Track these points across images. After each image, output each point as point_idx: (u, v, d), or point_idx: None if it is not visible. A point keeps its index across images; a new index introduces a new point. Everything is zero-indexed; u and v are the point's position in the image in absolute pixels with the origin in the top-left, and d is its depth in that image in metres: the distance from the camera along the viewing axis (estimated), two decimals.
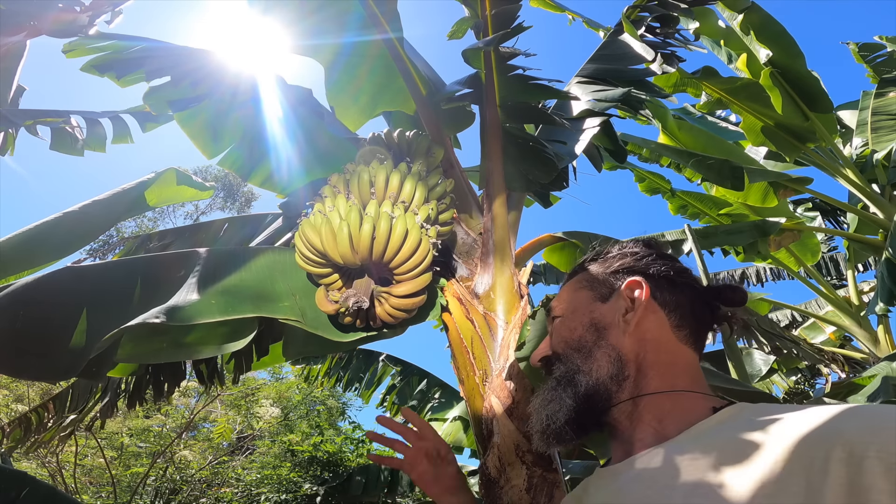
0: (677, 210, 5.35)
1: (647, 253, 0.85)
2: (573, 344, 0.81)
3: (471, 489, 1.05)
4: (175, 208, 16.32)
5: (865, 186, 5.01)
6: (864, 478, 0.49)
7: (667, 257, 0.86)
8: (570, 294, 0.88)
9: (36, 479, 2.10)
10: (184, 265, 1.53)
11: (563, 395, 0.78)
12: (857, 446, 0.51)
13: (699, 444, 0.64)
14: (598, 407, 0.76)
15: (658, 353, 0.76)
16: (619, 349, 0.77)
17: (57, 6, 2.21)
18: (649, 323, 0.78)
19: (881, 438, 0.50)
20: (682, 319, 0.79)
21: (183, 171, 2.48)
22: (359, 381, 5.13)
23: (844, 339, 6.68)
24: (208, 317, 1.30)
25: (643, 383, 0.74)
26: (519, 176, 1.95)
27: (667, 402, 0.72)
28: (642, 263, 0.83)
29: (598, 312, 0.81)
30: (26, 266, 2.02)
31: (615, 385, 0.75)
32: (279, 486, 7.50)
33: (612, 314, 0.80)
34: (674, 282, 0.82)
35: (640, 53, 2.19)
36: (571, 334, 0.82)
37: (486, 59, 1.76)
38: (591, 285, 0.85)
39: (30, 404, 6.71)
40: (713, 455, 0.61)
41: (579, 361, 0.79)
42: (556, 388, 0.79)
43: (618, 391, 0.75)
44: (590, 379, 0.77)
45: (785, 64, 4.29)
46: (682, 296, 0.81)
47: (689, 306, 0.81)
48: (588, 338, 0.79)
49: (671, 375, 0.74)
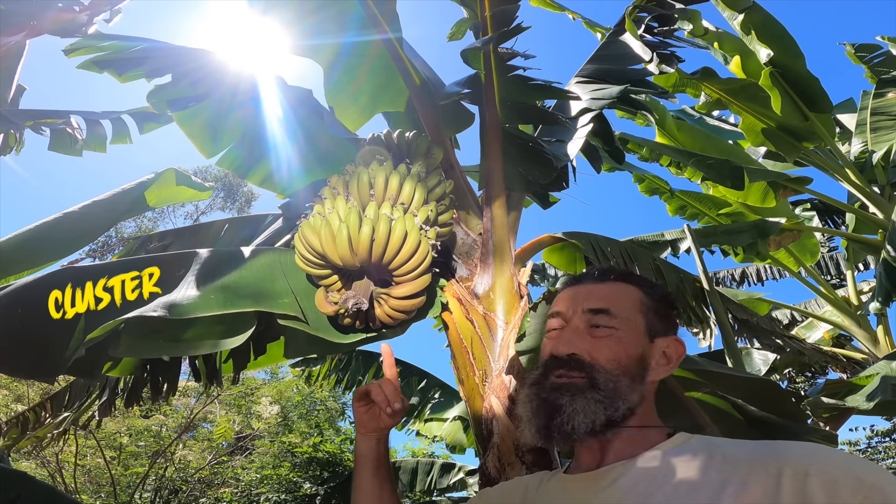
0: (676, 211, 5.34)
1: (677, 315, 0.96)
2: (624, 367, 0.82)
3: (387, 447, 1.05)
4: (175, 208, 16.31)
5: (865, 186, 5.00)
6: (808, 489, 0.66)
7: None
8: (626, 307, 0.86)
9: (36, 479, 2.10)
10: (183, 265, 1.53)
11: (601, 411, 0.79)
12: (801, 467, 0.67)
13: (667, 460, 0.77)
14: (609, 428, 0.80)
15: (650, 396, 0.86)
16: (644, 391, 0.84)
17: (56, 6, 2.22)
18: (661, 375, 0.87)
19: (817, 461, 0.68)
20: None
21: (182, 171, 2.48)
22: (358, 383, 5.13)
23: (844, 339, 6.68)
24: (207, 310, 1.30)
25: (636, 413, 0.83)
26: (518, 176, 1.95)
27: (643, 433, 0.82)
28: (677, 323, 0.93)
29: (646, 348, 0.85)
30: (26, 266, 2.02)
31: (629, 415, 0.81)
32: (279, 486, 7.50)
33: (652, 357, 0.85)
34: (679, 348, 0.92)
35: (639, 54, 2.20)
36: (627, 359, 0.83)
37: (486, 60, 1.77)
38: (646, 314, 0.87)
39: (29, 404, 6.71)
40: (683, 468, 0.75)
41: (625, 389, 0.81)
42: (600, 402, 0.79)
43: (625, 420, 0.81)
44: (625, 407, 0.80)
45: (785, 64, 4.29)
46: None
47: None
48: (636, 369, 0.83)
49: (649, 414, 0.85)
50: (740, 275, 7.44)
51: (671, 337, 0.87)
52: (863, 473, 0.66)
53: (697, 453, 0.76)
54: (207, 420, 9.50)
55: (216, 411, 9.48)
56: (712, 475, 0.72)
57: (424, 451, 8.25)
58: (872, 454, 12.76)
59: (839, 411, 2.89)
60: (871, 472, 0.66)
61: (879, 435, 12.62)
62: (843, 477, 0.65)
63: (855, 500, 0.63)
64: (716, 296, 2.38)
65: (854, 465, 0.67)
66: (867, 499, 0.63)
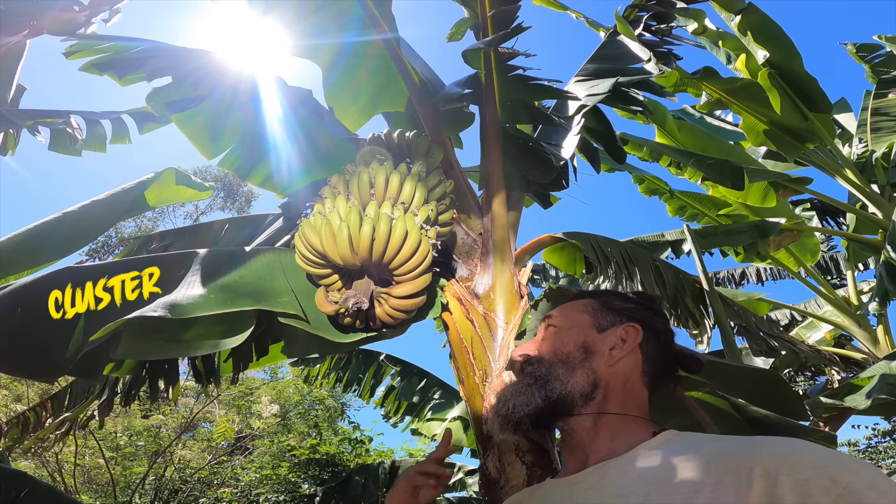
0: (675, 211, 5.34)
1: (650, 307, 0.99)
2: (561, 356, 0.92)
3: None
4: (175, 208, 16.30)
5: (865, 186, 5.00)
6: (777, 490, 0.65)
7: (663, 315, 1.00)
8: (571, 312, 0.98)
9: (36, 479, 2.10)
10: (183, 265, 1.53)
11: (536, 393, 0.88)
12: (772, 466, 0.67)
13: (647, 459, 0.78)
14: (559, 413, 0.88)
15: (623, 386, 0.90)
16: (597, 374, 0.89)
17: (56, 6, 2.21)
18: (626, 362, 0.91)
19: (789, 461, 0.67)
20: (650, 367, 0.93)
21: (182, 170, 2.48)
22: (358, 382, 5.13)
23: (843, 339, 6.68)
24: (207, 310, 1.30)
25: (605, 406, 0.88)
26: (519, 176, 1.95)
27: (621, 425, 0.86)
28: (643, 315, 0.96)
29: (591, 338, 0.93)
30: (26, 266, 2.03)
31: (582, 401, 0.88)
32: (278, 487, 7.50)
33: (602, 344, 0.92)
34: (658, 338, 0.96)
35: (637, 53, 2.20)
36: (563, 347, 0.93)
37: (486, 60, 1.77)
38: (593, 313, 0.96)
39: (29, 404, 6.71)
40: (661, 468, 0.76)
41: (560, 372, 0.90)
42: (531, 385, 0.90)
43: (582, 406, 0.88)
44: (563, 389, 0.88)
45: (783, 65, 4.29)
46: (659, 352, 0.95)
47: (661, 361, 0.96)
48: (576, 355, 0.91)
49: (627, 405, 0.89)
50: (740, 275, 7.44)
51: (625, 324, 0.93)
52: (837, 473, 0.64)
53: (679, 452, 0.76)
54: (207, 420, 9.49)
55: (216, 411, 9.48)
56: (689, 475, 0.72)
57: (421, 451, 8.24)
58: (873, 454, 12.77)
59: (839, 411, 2.89)
60: (847, 470, 0.64)
61: (880, 435, 12.63)
62: (816, 477, 0.64)
63: (827, 501, 0.62)
64: (716, 297, 2.38)
65: (830, 463, 0.65)
66: (840, 499, 0.62)
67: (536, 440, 1.47)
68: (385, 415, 5.18)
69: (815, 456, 0.67)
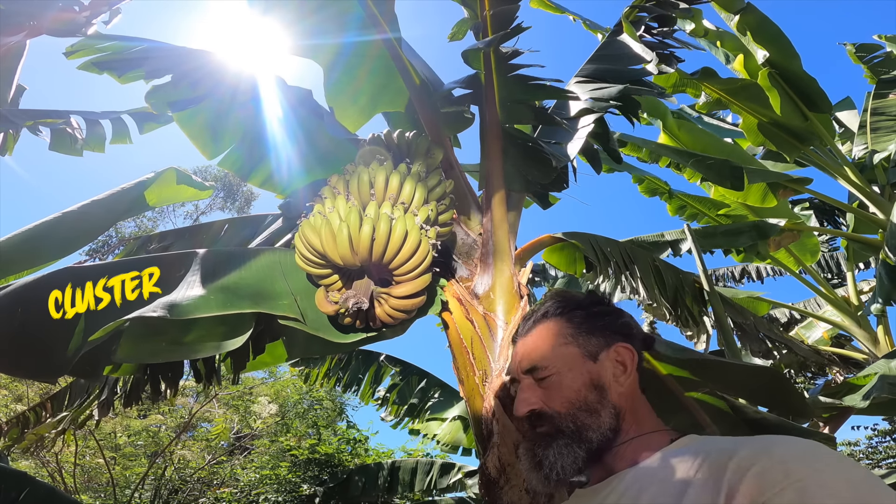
0: (676, 211, 5.34)
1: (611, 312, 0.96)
2: (579, 404, 0.88)
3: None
4: (175, 208, 16.30)
5: (865, 186, 5.00)
6: (742, 486, 0.65)
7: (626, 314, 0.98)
8: (554, 349, 0.92)
9: (36, 480, 2.10)
10: (183, 265, 1.53)
11: (578, 450, 0.87)
12: (745, 462, 0.68)
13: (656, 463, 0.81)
14: (599, 454, 0.88)
15: (633, 403, 0.90)
16: (615, 405, 0.89)
17: (56, 6, 2.21)
18: (630, 381, 0.91)
19: (761, 455, 0.67)
20: (641, 376, 0.93)
21: (182, 170, 2.48)
22: (358, 382, 5.13)
23: (843, 339, 6.68)
24: (206, 311, 1.30)
25: (623, 427, 0.88)
26: (518, 176, 1.95)
27: (640, 442, 0.87)
28: (619, 324, 0.94)
29: (593, 372, 0.90)
30: (26, 266, 2.03)
31: (613, 434, 0.88)
32: (278, 487, 7.50)
33: (605, 375, 0.90)
34: (634, 339, 0.94)
35: (638, 54, 2.20)
36: (575, 395, 0.89)
37: (486, 60, 1.77)
38: (576, 342, 0.92)
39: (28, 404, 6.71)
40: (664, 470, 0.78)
41: (588, 420, 0.87)
42: (570, 444, 0.87)
43: (613, 439, 0.88)
44: (598, 434, 0.87)
45: (782, 65, 4.29)
46: (639, 353, 0.94)
47: (640, 363, 0.94)
48: (592, 398, 0.88)
49: (642, 420, 0.90)
50: (740, 272, 7.43)
51: (616, 346, 0.91)
52: (795, 467, 0.63)
53: (687, 455, 0.77)
54: (206, 420, 9.49)
55: (215, 411, 9.48)
56: (682, 476, 0.74)
57: (419, 451, 8.24)
58: (873, 454, 12.77)
59: (838, 411, 2.89)
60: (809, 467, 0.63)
61: (880, 435, 12.63)
62: (772, 469, 0.64)
63: (771, 493, 0.62)
64: (716, 297, 2.38)
65: (794, 457, 0.65)
66: (782, 493, 0.61)
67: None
68: (385, 416, 5.18)
69: (786, 450, 0.67)
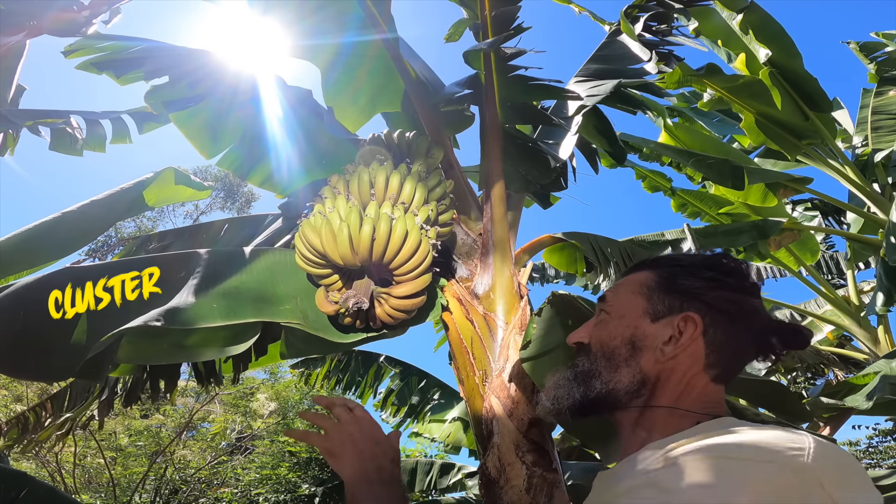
0: (678, 208, 5.34)
1: (721, 282, 0.82)
2: (606, 351, 0.82)
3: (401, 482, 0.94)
4: (175, 208, 16.31)
5: (865, 186, 5.00)
6: None
7: (741, 290, 0.82)
8: (627, 294, 0.86)
9: (36, 479, 2.09)
10: (184, 266, 1.53)
11: (575, 389, 0.82)
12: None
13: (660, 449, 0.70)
14: (601, 408, 0.81)
15: (679, 384, 0.78)
16: (645, 372, 0.79)
17: (56, 6, 2.21)
18: (684, 357, 0.79)
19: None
20: (718, 359, 0.79)
21: (182, 170, 2.48)
22: (358, 383, 5.13)
23: (844, 339, 6.67)
24: (210, 321, 1.30)
25: (653, 402, 0.79)
26: (518, 176, 1.95)
27: (666, 418, 0.77)
28: (711, 295, 0.81)
29: (641, 330, 0.81)
30: (26, 266, 2.02)
31: (627, 398, 0.79)
32: (278, 487, 7.50)
33: (654, 338, 0.80)
34: (733, 321, 0.80)
35: (638, 53, 2.20)
36: (610, 341, 0.83)
37: (486, 60, 1.76)
38: (649, 296, 0.83)
39: (28, 404, 6.71)
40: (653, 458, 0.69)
41: (603, 369, 0.81)
42: (572, 380, 0.83)
43: (627, 403, 0.79)
44: (605, 388, 0.80)
45: (784, 64, 4.29)
46: (732, 336, 0.80)
47: (734, 347, 0.81)
48: (622, 352, 0.81)
49: (683, 401, 0.78)
50: None
51: (682, 314, 0.79)
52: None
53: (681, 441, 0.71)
54: (207, 420, 9.50)
55: (216, 411, 9.48)
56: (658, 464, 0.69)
57: (419, 452, 8.24)
58: (873, 454, 12.76)
59: (839, 411, 2.89)
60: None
61: (881, 434, 12.62)
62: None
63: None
64: None
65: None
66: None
67: (536, 440, 1.47)
68: (385, 417, 5.18)
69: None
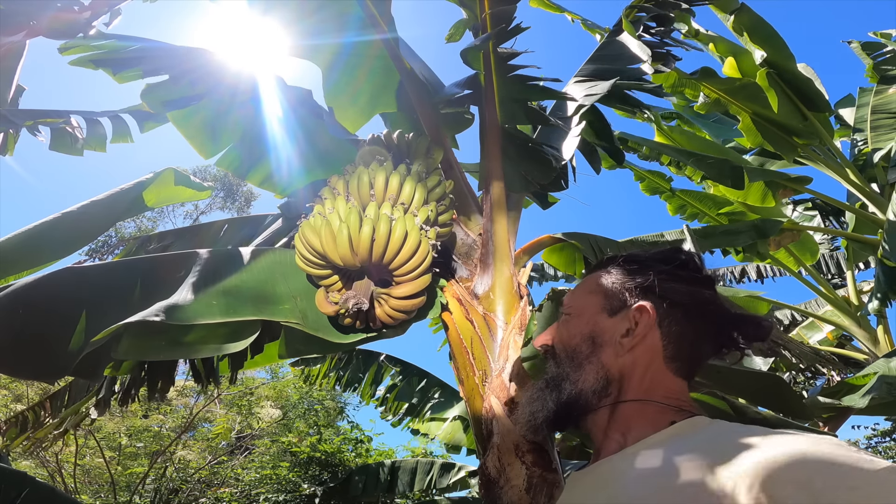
0: (676, 210, 5.34)
1: (674, 274, 0.82)
2: (568, 350, 0.84)
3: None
4: (175, 208, 16.30)
5: (864, 186, 5.00)
6: None
7: (696, 281, 0.82)
8: (585, 293, 0.87)
9: (36, 480, 2.10)
10: (184, 266, 1.53)
11: (548, 398, 0.83)
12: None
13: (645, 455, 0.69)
14: (574, 413, 0.81)
15: (642, 379, 0.78)
16: (608, 369, 0.79)
17: (56, 6, 2.21)
18: (643, 350, 0.79)
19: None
20: (678, 351, 0.79)
21: (181, 171, 2.48)
22: (358, 382, 5.13)
23: (844, 339, 6.68)
24: (209, 318, 1.30)
25: (621, 398, 0.78)
26: (518, 176, 1.95)
27: (636, 417, 0.76)
28: (664, 287, 0.80)
29: (599, 326, 0.82)
30: (26, 266, 2.02)
31: (596, 399, 0.79)
32: (278, 486, 7.50)
33: (611, 333, 0.80)
34: (688, 312, 0.80)
35: (636, 54, 2.20)
36: (570, 340, 0.84)
37: (486, 61, 1.77)
38: (605, 293, 0.84)
39: (28, 404, 6.71)
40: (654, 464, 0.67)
41: (569, 370, 0.82)
42: (543, 389, 0.84)
43: (597, 404, 0.79)
44: (574, 389, 0.80)
45: (779, 64, 4.30)
46: (690, 328, 0.80)
47: (693, 339, 0.80)
48: (583, 349, 0.81)
49: (647, 396, 0.77)
50: (740, 272, 7.44)
51: (636, 305, 0.79)
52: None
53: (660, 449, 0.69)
54: (207, 420, 9.50)
55: (216, 411, 9.48)
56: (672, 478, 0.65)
57: (422, 450, 8.26)
58: (873, 454, 12.75)
59: (837, 411, 2.89)
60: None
61: (880, 435, 12.62)
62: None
63: None
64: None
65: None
66: None
67: (536, 440, 1.47)
68: (384, 415, 5.18)
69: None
